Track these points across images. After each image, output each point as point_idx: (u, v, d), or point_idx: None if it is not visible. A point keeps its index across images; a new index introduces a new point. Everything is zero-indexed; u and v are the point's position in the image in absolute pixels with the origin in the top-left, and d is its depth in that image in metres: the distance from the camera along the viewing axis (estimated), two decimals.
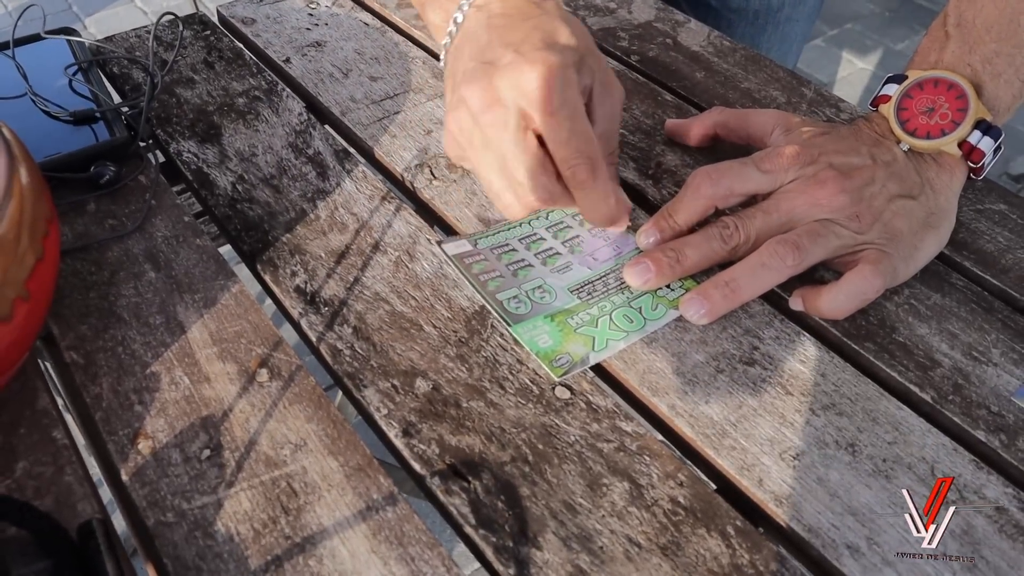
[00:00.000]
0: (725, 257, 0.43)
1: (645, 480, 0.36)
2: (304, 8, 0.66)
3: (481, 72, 0.41)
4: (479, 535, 0.34)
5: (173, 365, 0.40)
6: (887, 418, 0.38)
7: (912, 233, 0.43)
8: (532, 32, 0.41)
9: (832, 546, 0.34)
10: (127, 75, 0.59)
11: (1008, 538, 0.34)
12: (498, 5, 0.43)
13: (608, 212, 0.43)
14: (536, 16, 0.42)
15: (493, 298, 0.43)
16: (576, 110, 0.40)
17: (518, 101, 0.40)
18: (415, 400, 0.39)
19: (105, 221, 0.47)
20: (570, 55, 0.41)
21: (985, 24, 0.45)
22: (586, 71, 0.42)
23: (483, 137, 0.41)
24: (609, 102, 0.44)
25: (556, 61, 0.40)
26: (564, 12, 0.44)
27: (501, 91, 0.40)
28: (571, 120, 0.40)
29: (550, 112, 0.39)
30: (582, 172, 0.41)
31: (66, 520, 0.34)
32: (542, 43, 0.41)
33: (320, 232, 0.47)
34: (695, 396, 0.39)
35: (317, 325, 0.42)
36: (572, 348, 0.41)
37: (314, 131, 0.54)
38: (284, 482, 0.36)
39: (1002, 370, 0.41)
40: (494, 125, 0.40)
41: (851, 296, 0.41)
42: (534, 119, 0.40)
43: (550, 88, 0.39)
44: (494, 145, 0.41)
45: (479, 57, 0.41)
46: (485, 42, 0.42)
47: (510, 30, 0.42)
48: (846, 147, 0.45)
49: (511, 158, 0.41)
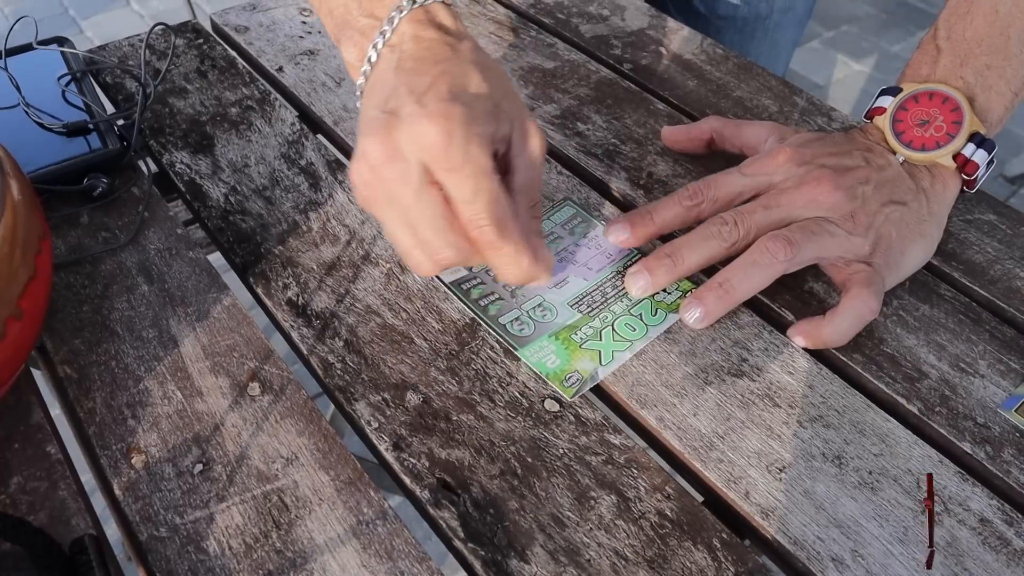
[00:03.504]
0: (724, 254, 0.44)
1: (632, 493, 0.36)
2: (297, 16, 0.66)
3: (382, 123, 0.37)
4: (468, 549, 0.35)
5: (166, 379, 0.40)
6: (874, 430, 0.39)
7: (900, 239, 0.44)
8: (439, 79, 0.38)
9: (817, 559, 0.34)
10: (120, 84, 0.59)
11: (992, 550, 0.35)
12: (410, 45, 0.40)
13: (520, 273, 0.40)
14: (447, 60, 0.39)
15: (496, 323, 0.43)
16: (480, 167, 0.37)
17: (419, 156, 0.37)
18: (405, 413, 0.39)
19: (98, 234, 0.47)
20: (480, 105, 0.38)
21: (976, 38, 0.45)
22: (503, 119, 0.40)
23: (385, 192, 0.38)
24: (529, 151, 0.41)
25: (458, 113, 0.37)
26: (480, 54, 0.41)
27: (401, 144, 0.37)
28: (474, 178, 0.37)
29: (451, 168, 0.37)
30: (488, 233, 0.38)
31: (60, 535, 0.35)
32: (448, 93, 0.37)
33: (312, 244, 0.47)
34: (683, 409, 0.39)
35: (309, 338, 0.42)
36: (580, 365, 0.41)
37: (307, 141, 0.54)
38: (276, 496, 0.36)
39: (989, 382, 0.41)
40: (395, 180, 0.38)
41: (854, 322, 0.42)
42: (437, 174, 0.37)
43: (450, 143, 0.36)
44: (397, 201, 0.38)
45: (383, 105, 0.38)
46: (391, 88, 0.39)
47: (417, 75, 0.39)
48: (839, 150, 0.45)
49: (415, 215, 0.38)
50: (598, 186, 0.52)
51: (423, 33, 0.40)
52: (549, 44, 0.63)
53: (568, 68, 0.61)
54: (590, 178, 0.52)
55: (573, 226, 0.48)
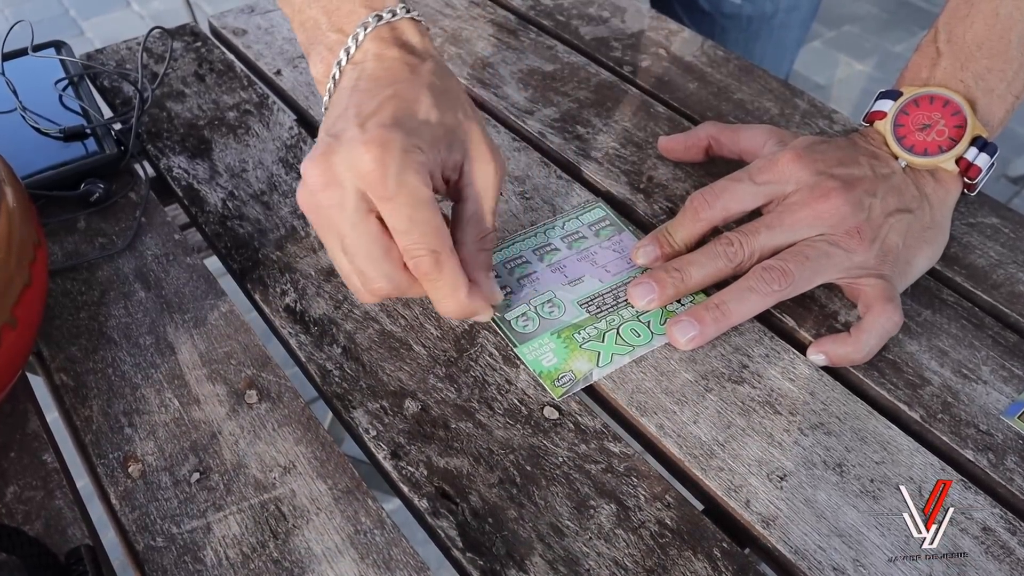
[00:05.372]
0: (729, 273, 0.43)
1: (632, 502, 0.36)
2: None
3: (324, 147, 0.37)
4: (466, 558, 0.34)
5: (163, 387, 0.40)
6: (876, 437, 0.39)
7: (906, 248, 0.43)
8: (387, 103, 0.37)
9: (819, 568, 0.34)
10: (117, 89, 0.59)
11: (995, 559, 0.34)
12: (372, 64, 0.39)
13: (457, 306, 0.39)
14: (402, 81, 0.38)
15: (501, 318, 0.43)
16: (415, 196, 0.36)
17: (355, 183, 0.36)
18: (404, 421, 0.39)
19: (95, 239, 0.47)
20: (426, 132, 0.37)
21: (976, 41, 0.45)
22: (455, 146, 0.39)
23: (324, 218, 0.38)
24: (481, 180, 0.40)
25: (395, 141, 0.36)
26: (441, 76, 0.40)
27: (338, 170, 0.36)
28: (409, 207, 0.36)
29: (386, 197, 0.36)
30: (424, 264, 0.37)
31: (56, 544, 0.35)
32: (391, 119, 0.37)
33: (310, 249, 0.47)
34: (683, 416, 0.39)
35: (306, 345, 0.42)
36: (576, 365, 0.41)
37: (305, 145, 0.54)
38: (273, 505, 0.36)
39: (991, 388, 0.41)
40: (331, 207, 0.37)
41: (881, 337, 0.41)
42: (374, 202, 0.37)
43: (384, 171, 0.35)
44: (334, 227, 0.38)
45: (330, 128, 0.38)
46: (342, 109, 0.38)
47: (369, 96, 0.38)
48: (846, 157, 0.45)
49: (350, 243, 0.37)
50: (598, 192, 0.52)
51: (386, 52, 0.39)
52: (549, 46, 0.63)
53: (568, 71, 0.61)
54: (589, 183, 0.52)
55: (600, 228, 0.48)
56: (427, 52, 0.40)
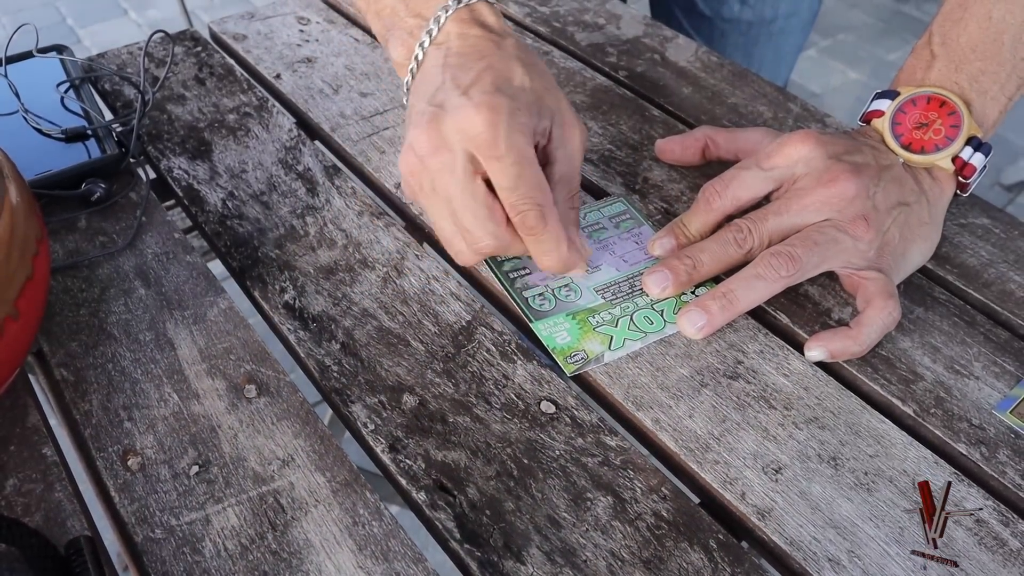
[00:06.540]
0: (740, 260, 0.44)
1: (629, 494, 0.36)
2: (295, 24, 0.67)
3: (429, 115, 0.40)
4: (464, 550, 0.35)
5: (162, 382, 0.40)
6: (869, 431, 0.39)
7: (903, 241, 0.44)
8: (484, 73, 0.40)
9: (814, 559, 0.34)
10: (119, 92, 0.59)
11: (988, 550, 0.35)
12: (456, 43, 0.42)
13: (560, 259, 0.42)
14: (491, 55, 0.41)
15: (519, 294, 0.44)
16: (523, 155, 0.39)
17: (464, 145, 0.39)
18: (402, 415, 0.39)
19: (96, 238, 0.48)
20: (523, 97, 0.40)
21: (970, 44, 0.46)
22: (544, 112, 0.42)
23: (431, 182, 0.41)
24: (569, 143, 0.43)
25: (503, 104, 0.39)
26: (523, 50, 0.43)
27: (447, 135, 0.39)
28: (518, 165, 0.39)
29: (496, 157, 0.39)
30: (530, 218, 0.40)
31: (55, 537, 0.35)
32: (492, 86, 0.40)
33: (309, 248, 0.47)
34: (679, 410, 0.39)
35: (305, 341, 0.43)
36: (588, 346, 0.42)
37: (304, 147, 0.55)
38: (271, 498, 0.36)
39: (983, 383, 0.41)
40: (441, 170, 0.40)
41: (882, 331, 0.42)
42: (482, 164, 0.40)
43: (495, 132, 0.39)
44: (442, 190, 0.41)
45: (430, 99, 0.41)
46: (438, 83, 0.41)
47: (463, 71, 0.41)
48: (851, 145, 0.45)
49: (458, 204, 0.40)
50: (594, 191, 0.52)
51: (468, 31, 0.42)
52: (545, 52, 0.64)
53: (564, 76, 0.61)
54: (586, 183, 0.53)
55: (620, 221, 0.49)
56: (505, 30, 0.43)
